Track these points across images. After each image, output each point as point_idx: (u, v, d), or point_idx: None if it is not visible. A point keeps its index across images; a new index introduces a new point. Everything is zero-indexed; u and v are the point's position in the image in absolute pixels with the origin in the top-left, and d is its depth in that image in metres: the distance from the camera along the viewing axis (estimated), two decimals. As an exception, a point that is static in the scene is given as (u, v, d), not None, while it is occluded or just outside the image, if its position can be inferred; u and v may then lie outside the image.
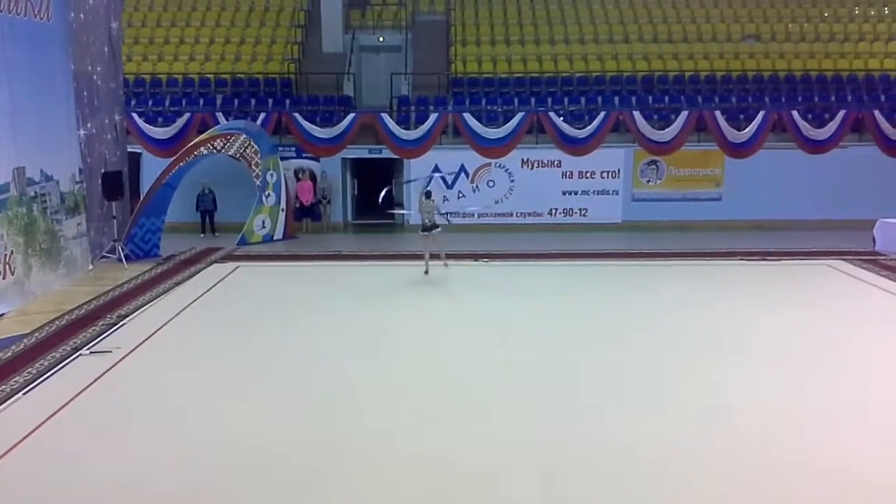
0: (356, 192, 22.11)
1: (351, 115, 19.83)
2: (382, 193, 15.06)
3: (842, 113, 19.80)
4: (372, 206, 21.87)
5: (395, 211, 15.15)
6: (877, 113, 19.91)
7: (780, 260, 16.19)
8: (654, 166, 20.32)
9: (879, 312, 12.44)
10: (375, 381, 9.18)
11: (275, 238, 18.61)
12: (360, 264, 16.26)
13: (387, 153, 20.16)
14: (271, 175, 18.43)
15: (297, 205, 19.91)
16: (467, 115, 19.82)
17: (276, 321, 11.69)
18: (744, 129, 19.76)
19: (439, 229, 14.56)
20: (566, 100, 21.01)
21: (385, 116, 19.84)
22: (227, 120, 19.35)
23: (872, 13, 23.99)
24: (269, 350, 10.26)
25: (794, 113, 19.85)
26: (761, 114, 19.72)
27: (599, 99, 20.91)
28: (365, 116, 19.98)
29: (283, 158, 19.39)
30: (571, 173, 20.26)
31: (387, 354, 10.20)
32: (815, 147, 19.83)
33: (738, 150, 19.82)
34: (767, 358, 9.98)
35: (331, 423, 7.88)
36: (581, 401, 8.53)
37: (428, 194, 14.70)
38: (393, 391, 8.86)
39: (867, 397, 8.65)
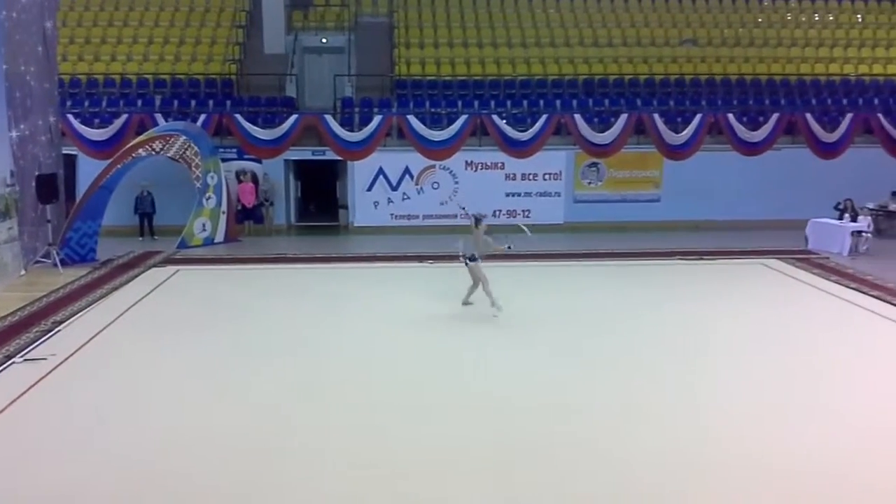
0: (299, 194, 21.94)
1: (294, 117, 19.68)
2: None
3: (775, 116, 20.37)
4: (315, 208, 21.85)
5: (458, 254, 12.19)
6: (808, 116, 20.52)
7: (716, 259, 16.60)
8: (594, 168, 20.63)
9: (812, 310, 12.84)
10: (318, 384, 9.16)
11: (216, 241, 18.36)
12: (303, 267, 16.15)
13: (331, 155, 20.06)
14: (212, 177, 18.18)
15: (239, 207, 19.68)
16: (411, 118, 19.84)
17: (217, 326, 11.55)
18: (681, 131, 20.19)
19: (479, 261, 12.22)
20: (509, 102, 21.19)
21: (328, 118, 19.74)
22: (166, 121, 19.03)
23: (804, 19, 24.74)
24: (209, 355, 10.14)
25: (730, 116, 20.35)
26: (698, 116, 20.18)
27: (541, 102, 21.13)
28: (308, 118, 19.84)
29: (224, 160, 19.15)
30: (515, 175, 20.45)
31: (330, 357, 10.16)
32: (750, 149, 20.36)
33: (676, 152, 20.24)
34: (705, 357, 10.24)
35: (271, 427, 7.84)
36: (530, 402, 8.63)
37: (478, 221, 12.41)
38: (336, 393, 8.84)
39: (798, 393, 8.95)
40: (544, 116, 20.03)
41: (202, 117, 19.43)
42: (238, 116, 19.49)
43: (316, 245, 18.78)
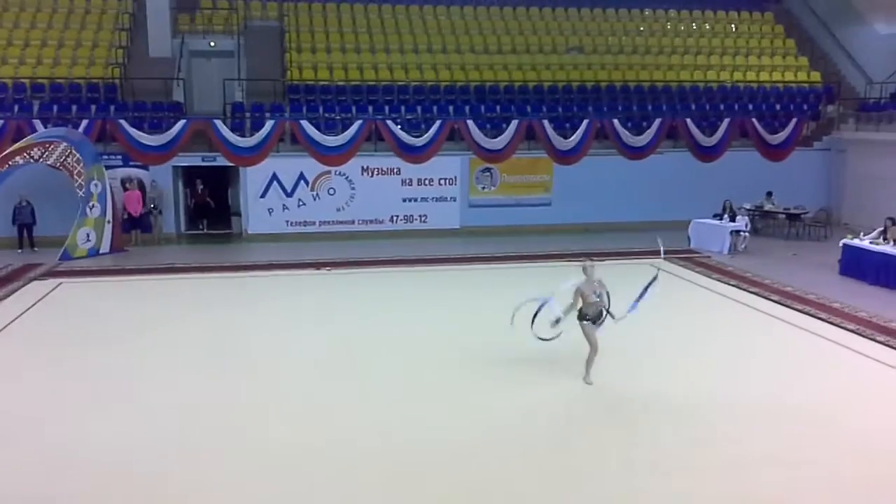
0: (189, 201, 21.34)
1: (182, 122, 19.14)
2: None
3: (658, 121, 21.25)
4: (206, 216, 21.25)
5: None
6: (689, 121, 21.50)
7: (605, 260, 17.13)
8: (488, 173, 20.96)
9: (695, 306, 13.51)
10: (208, 398, 8.99)
11: (101, 252, 17.66)
12: (195, 277, 15.73)
13: (221, 161, 19.62)
14: (96, 185, 17.49)
15: (125, 216, 18.98)
16: (305, 123, 19.64)
17: (102, 340, 11.17)
18: (570, 136, 20.77)
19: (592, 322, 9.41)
20: (403, 108, 21.26)
21: (218, 123, 19.31)
22: (45, 127, 18.16)
23: (682, 28, 25.87)
24: (92, 371, 9.80)
25: (616, 121, 21.08)
26: (585, 122, 20.81)
27: (435, 108, 21.31)
28: (197, 123, 19.34)
29: (108, 167, 18.44)
30: (411, 181, 20.54)
31: (221, 371, 9.98)
32: (635, 153, 21.15)
33: (565, 157, 20.81)
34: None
35: (156, 443, 7.68)
36: (417, 402, 8.75)
37: (586, 268, 9.42)
38: (227, 406, 8.70)
39: (681, 384, 9.41)
40: (438, 122, 20.22)
41: (84, 123, 18.65)
42: (122, 122, 18.81)
43: (208, 254, 18.30)
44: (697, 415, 8.50)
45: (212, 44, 23.07)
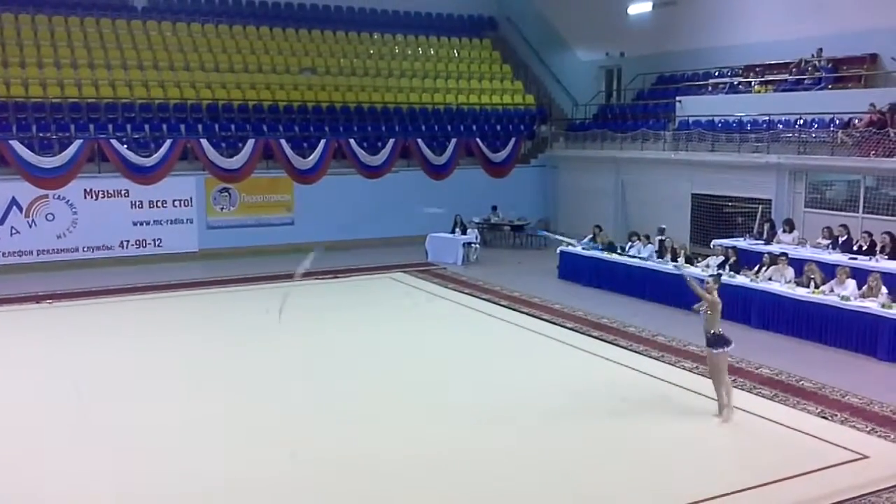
0: None
1: None
2: None
3: (391, 141, 22.05)
4: None
5: None
6: (420, 141, 22.56)
7: (349, 276, 17.53)
8: (226, 194, 20.45)
9: (433, 314, 14.28)
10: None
11: None
12: None
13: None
14: None
15: None
16: (15, 143, 17.93)
17: None
18: (308, 156, 20.92)
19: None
20: (129, 127, 20.10)
21: None
22: None
23: (409, 52, 27.05)
24: None
25: (352, 141, 21.57)
26: (322, 142, 21.08)
27: (164, 126, 20.40)
28: None
29: None
30: (141, 203, 19.44)
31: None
32: (372, 172, 21.77)
33: (305, 177, 20.92)
34: (331, 364, 10.89)
35: None
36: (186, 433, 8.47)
37: (718, 278, 9.16)
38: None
39: (413, 388, 9.92)
40: (169, 141, 19.41)
41: None
42: None
43: None
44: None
45: None
